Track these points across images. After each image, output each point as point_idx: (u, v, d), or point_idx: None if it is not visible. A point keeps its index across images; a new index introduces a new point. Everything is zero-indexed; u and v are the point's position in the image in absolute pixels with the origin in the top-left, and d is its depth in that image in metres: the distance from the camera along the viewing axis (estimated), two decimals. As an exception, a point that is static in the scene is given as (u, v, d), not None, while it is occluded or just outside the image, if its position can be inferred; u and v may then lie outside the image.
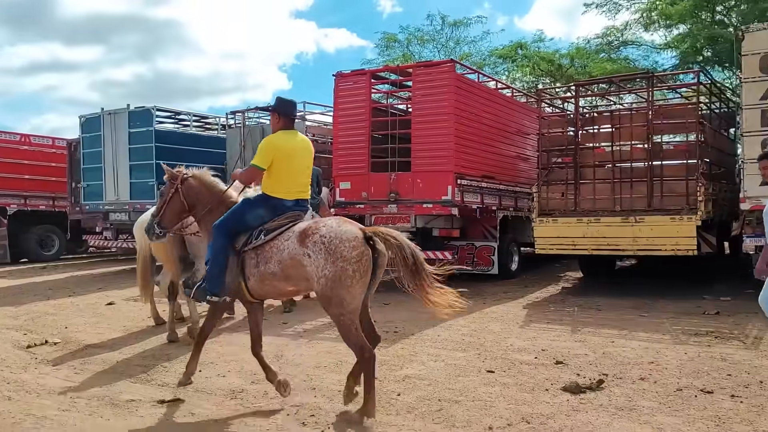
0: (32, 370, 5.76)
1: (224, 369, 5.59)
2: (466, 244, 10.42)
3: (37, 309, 8.94)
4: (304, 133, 11.83)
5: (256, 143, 12.40)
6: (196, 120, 15.32)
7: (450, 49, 23.17)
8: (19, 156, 18.05)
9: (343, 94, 10.24)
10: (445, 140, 9.37)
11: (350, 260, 4.13)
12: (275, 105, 4.93)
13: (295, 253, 4.30)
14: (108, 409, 4.62)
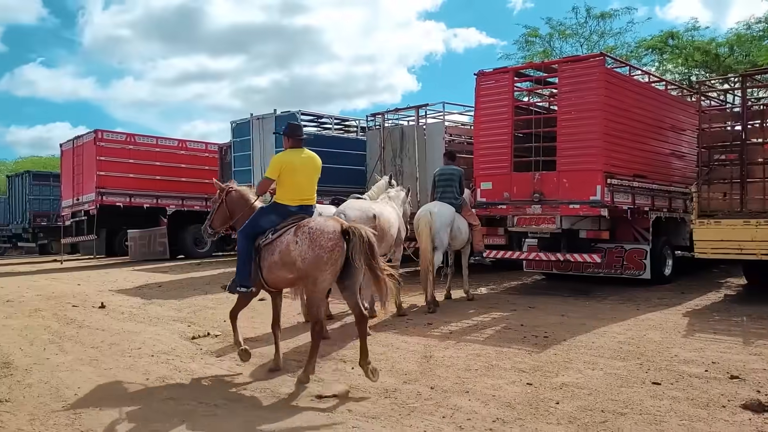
0: (199, 360, 6.15)
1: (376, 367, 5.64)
2: (615, 246, 9.89)
3: (197, 302, 9.57)
4: (443, 134, 11.97)
5: (396, 144, 12.64)
6: (337, 123, 15.77)
7: (593, 43, 22.06)
8: (177, 160, 19.57)
9: (484, 92, 10.07)
10: (594, 137, 8.93)
11: (325, 249, 5.07)
12: (285, 130, 5.96)
13: (289, 241, 5.24)
14: (270, 401, 4.81)
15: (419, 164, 12.16)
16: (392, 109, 13.46)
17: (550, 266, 10.45)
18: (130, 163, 18.61)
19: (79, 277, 13.90)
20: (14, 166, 48.35)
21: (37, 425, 4.38)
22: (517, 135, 9.91)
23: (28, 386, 5.30)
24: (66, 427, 4.33)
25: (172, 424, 4.32)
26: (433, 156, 11.70)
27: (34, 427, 4.35)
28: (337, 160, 14.29)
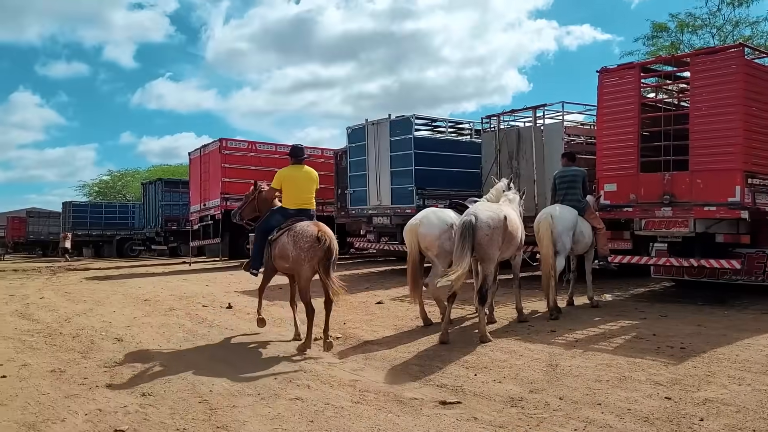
0: (323, 362, 6.26)
1: (499, 375, 5.51)
2: (757, 252, 9.09)
3: (317, 305, 9.77)
4: (562, 134, 11.56)
5: (512, 146, 12.37)
6: (451, 126, 15.68)
7: (726, 33, 20.52)
8: (295, 166, 20.15)
9: (608, 90, 9.62)
10: (733, 134, 8.28)
11: (303, 249, 6.66)
12: (289, 152, 7.88)
13: (284, 241, 6.91)
14: (395, 405, 4.80)
15: (537, 166, 11.83)
16: (508, 110, 13.20)
17: (681, 272, 9.78)
18: (251, 169, 19.43)
19: (206, 279, 14.67)
20: (147, 174, 52.02)
21: (177, 419, 4.61)
22: (644, 134, 9.39)
23: (168, 381, 5.60)
24: (203, 422, 4.53)
25: (301, 424, 4.41)
26: (552, 157, 11.34)
27: (174, 420, 4.59)
28: (452, 163, 14.23)
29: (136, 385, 5.53)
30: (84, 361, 6.48)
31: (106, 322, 8.76)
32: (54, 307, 10.36)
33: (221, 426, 4.42)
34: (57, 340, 7.54)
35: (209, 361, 6.34)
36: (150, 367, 6.13)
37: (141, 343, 7.23)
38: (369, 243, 15.48)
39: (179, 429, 4.40)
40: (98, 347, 7.12)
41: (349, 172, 15.67)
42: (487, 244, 6.79)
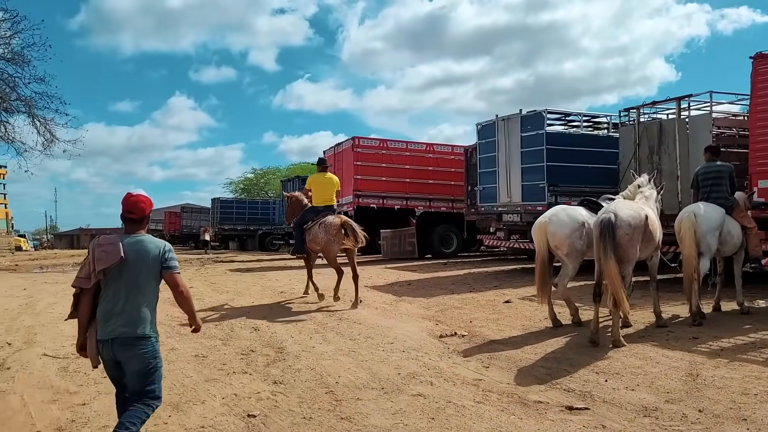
0: (446, 359, 6.25)
1: (632, 382, 5.22)
2: None
3: (444, 302, 9.80)
4: (710, 127, 10.70)
5: (653, 140, 11.64)
6: (586, 120, 15.05)
7: None
8: (425, 163, 20.38)
9: (763, 77, 8.80)
10: None
11: (331, 235, 9.59)
12: (317, 162, 11.19)
13: (316, 230, 9.80)
14: (518, 407, 4.70)
15: (681, 161, 11.04)
16: (649, 102, 12.41)
17: None
18: (383, 167, 19.83)
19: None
20: (286, 172, 54.60)
21: (305, 407, 4.81)
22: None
23: (297, 371, 5.86)
24: (328, 412, 4.69)
25: (422, 421, 4.43)
26: (697, 152, 10.49)
27: (302, 408, 4.78)
28: (586, 159, 13.66)
29: (269, 373, 5.83)
30: (224, 348, 6.93)
31: (245, 311, 9.30)
32: (200, 297, 11.15)
33: (345, 417, 4.55)
34: (202, 327, 8.10)
35: (336, 353, 6.54)
36: (282, 357, 6.43)
37: (275, 334, 7.61)
38: (499, 241, 15.23)
39: (306, 417, 4.59)
40: (237, 335, 7.57)
41: (479, 168, 15.51)
42: (627, 244, 6.47)
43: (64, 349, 6.95)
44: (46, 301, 10.96)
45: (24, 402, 5.05)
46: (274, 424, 4.47)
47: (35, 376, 5.88)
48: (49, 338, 7.63)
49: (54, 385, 5.57)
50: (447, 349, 6.70)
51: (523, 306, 9.20)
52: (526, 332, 7.42)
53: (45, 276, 18.42)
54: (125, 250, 3.65)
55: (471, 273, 14.12)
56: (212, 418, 4.61)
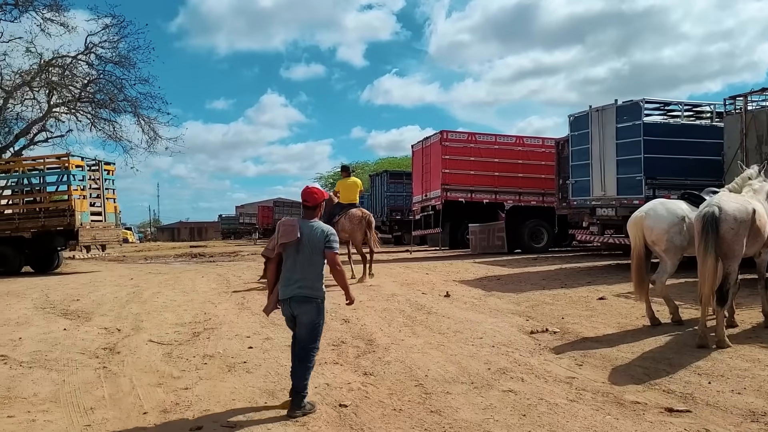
0: (537, 356, 6.14)
1: (738, 385, 4.94)
2: None
3: (534, 297, 9.61)
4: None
5: (762, 129, 10.93)
6: (687, 109, 14.30)
7: None
8: (514, 156, 20.06)
9: None
10: None
11: (355, 224, 12.22)
12: (342, 169, 14.30)
13: (343, 221, 12.14)
14: (614, 407, 4.55)
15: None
16: (757, 89, 11.65)
17: None
18: (471, 160, 19.66)
19: (426, 267, 15.16)
20: (375, 166, 55.10)
21: (395, 399, 4.86)
22: None
23: (387, 363, 5.93)
24: (418, 405, 4.72)
25: (513, 417, 4.38)
26: (813, 141, 9.81)
27: (392, 400, 4.84)
28: (687, 150, 13.00)
29: (360, 364, 5.93)
30: (316, 339, 7.09)
31: (335, 303, 9.45)
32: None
33: (435, 410, 4.56)
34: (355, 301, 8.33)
35: (425, 347, 6.57)
36: (372, 349, 6.53)
37: (365, 326, 7.72)
38: (592, 236, 14.75)
39: (396, 409, 4.64)
40: (328, 326, 7.69)
41: (571, 161, 15.05)
42: (732, 239, 6.12)
43: (167, 336, 7.36)
44: (150, 291, 11.60)
45: (133, 384, 5.38)
46: (365, 414, 4.54)
47: (142, 361, 6.24)
48: (154, 325, 8.07)
49: (159, 369, 5.90)
50: (538, 345, 6.58)
51: (619, 303, 8.89)
52: (622, 330, 7.16)
53: (149, 267, 19.51)
54: (301, 231, 4.72)
55: (562, 268, 13.77)
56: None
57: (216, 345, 6.86)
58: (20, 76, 23.04)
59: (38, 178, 17.13)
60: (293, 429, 4.28)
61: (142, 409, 4.71)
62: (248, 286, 12.13)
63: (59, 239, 16.61)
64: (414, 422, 4.35)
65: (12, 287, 12.64)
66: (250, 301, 10.03)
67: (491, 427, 4.20)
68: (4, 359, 6.30)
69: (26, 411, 4.70)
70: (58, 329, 7.87)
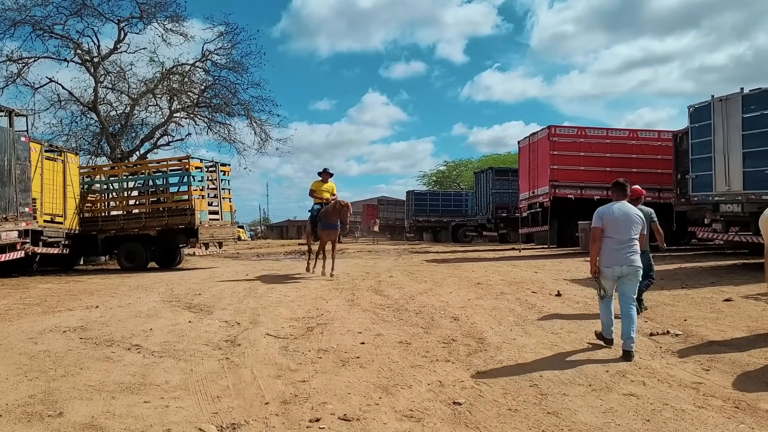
0: (659, 359, 5.86)
1: None
2: None
3: (654, 297, 9.15)
4: None
5: None
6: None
7: None
8: (628, 150, 19.25)
9: None
10: None
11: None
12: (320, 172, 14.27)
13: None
14: (747, 416, 4.27)
15: None
16: None
17: None
18: (580, 156, 19.06)
19: (535, 265, 14.84)
20: (478, 163, 54.64)
21: (509, 399, 4.80)
22: None
23: (499, 362, 5.86)
24: (534, 405, 4.63)
25: (636, 422, 4.20)
26: None
27: (507, 400, 4.78)
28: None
29: (471, 362, 5.90)
30: (426, 336, 7.13)
31: (443, 301, 9.49)
32: (400, 285, 11.58)
33: (552, 412, 4.46)
34: (403, 315, 8.42)
35: (538, 347, 6.42)
36: (483, 347, 6.47)
37: (475, 324, 7.67)
38: (715, 233, 13.87)
39: (511, 409, 4.57)
40: (437, 324, 7.75)
41: (691, 155, 14.22)
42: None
43: (283, 330, 7.63)
44: (265, 286, 12.09)
45: (254, 376, 5.63)
46: (480, 413, 4.51)
47: (261, 353, 6.51)
48: (270, 319, 8.40)
49: (277, 362, 6.13)
50: (659, 348, 6.28)
51: (747, 305, 8.32)
52: (753, 334, 6.70)
53: (262, 263, 20.32)
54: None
55: (682, 267, 13.05)
56: (419, 402, 4.77)
57: (329, 340, 7.04)
58: (144, 84, 24.71)
59: (162, 180, 18.29)
60: (408, 425, 4.31)
61: (264, 399, 4.92)
62: (355, 283, 12.36)
63: (181, 237, 17.62)
64: (531, 423, 4.27)
65: (141, 281, 13.57)
66: (359, 297, 10.22)
67: (613, 431, 4.05)
68: (138, 348, 6.77)
69: (160, 397, 5.02)
70: (184, 321, 8.36)
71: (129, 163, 21.79)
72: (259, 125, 25.59)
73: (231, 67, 25.05)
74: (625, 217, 6.21)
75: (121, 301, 10.39)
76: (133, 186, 18.49)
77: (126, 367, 5.93)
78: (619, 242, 6.18)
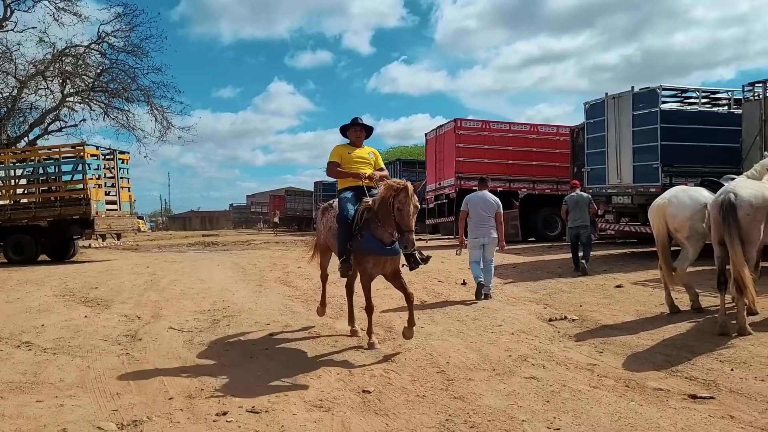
0: (557, 343, 6.15)
1: (762, 372, 4.91)
2: None
3: (551, 285, 9.61)
4: None
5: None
6: (704, 96, 14.16)
7: None
8: (529, 144, 19.98)
9: None
10: None
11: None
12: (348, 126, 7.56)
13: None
14: (637, 394, 4.54)
15: (813, 138, 10.22)
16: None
17: None
18: (485, 149, 19.61)
19: (441, 255, 15.14)
20: (386, 155, 55.02)
21: (417, 386, 4.88)
22: None
23: (407, 350, 5.95)
24: (440, 391, 4.74)
25: (536, 403, 4.39)
26: (834, 127, 9.70)
27: (414, 387, 4.86)
28: (704, 137, 12.91)
29: (380, 351, 5.96)
30: (336, 326, 7.14)
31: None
32: (309, 276, 11.52)
33: (458, 397, 4.58)
34: (312, 306, 8.38)
35: (445, 334, 6.58)
36: (392, 336, 6.56)
37: (384, 313, 7.75)
38: (607, 224, 14.71)
39: (419, 395, 4.65)
40: (344, 313, 7.77)
41: (587, 149, 14.99)
42: (748, 225, 6.08)
43: (188, 324, 7.42)
44: (168, 279, 11.69)
45: (157, 371, 5.44)
46: (389, 400, 4.56)
47: (164, 348, 6.30)
48: (174, 312, 8.14)
49: (182, 356, 5.95)
50: (557, 332, 6.59)
51: (636, 291, 8.87)
52: (641, 318, 7.16)
53: (164, 255, 19.65)
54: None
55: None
56: (329, 392, 4.77)
57: (236, 332, 6.91)
58: (34, 66, 23.13)
59: (54, 168, 17.26)
60: (318, 414, 4.30)
61: (168, 394, 4.76)
62: (263, 274, 12.18)
63: (75, 228, 16.74)
64: (438, 408, 4.37)
65: (31, 275, 12.77)
66: (267, 289, 10.09)
67: (516, 412, 4.21)
68: (29, 345, 6.38)
69: (54, 396, 4.76)
70: (79, 316, 7.95)
71: (16, 149, 20.40)
72: (161, 112, 24.59)
73: (129, 50, 23.89)
74: (484, 202, 8.76)
75: (8, 296, 9.75)
76: (21, 174, 17.35)
77: (16, 366, 5.59)
78: (480, 220, 8.73)
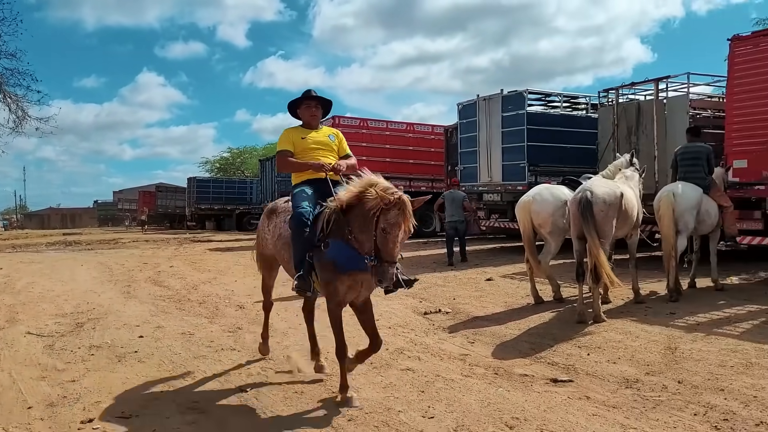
0: (432, 335, 6.36)
1: (614, 356, 5.37)
2: None
3: (426, 280, 9.88)
4: (686, 108, 10.87)
5: (631, 121, 11.83)
6: (566, 100, 15.17)
7: None
8: (405, 143, 20.42)
9: (740, 59, 8.95)
10: None
11: None
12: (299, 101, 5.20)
13: None
14: (505, 380, 4.81)
15: (658, 142, 11.24)
16: (627, 83, 12.58)
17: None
18: (363, 146, 19.79)
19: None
20: (264, 151, 54.14)
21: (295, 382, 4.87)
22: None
23: (286, 347, 5.95)
24: (319, 386, 4.77)
25: (412, 394, 4.52)
26: (674, 133, 10.74)
27: (293, 383, 4.85)
28: (566, 139, 13.82)
29: (258, 350, 5.87)
30: (210, 326, 6.96)
31: (229, 290, 9.31)
32: (182, 275, 11.13)
33: (336, 391, 4.62)
34: (186, 306, 8.12)
35: (323, 330, 6.59)
36: (271, 334, 6.46)
37: (261, 312, 7.62)
38: (480, 220, 15.39)
39: (297, 392, 4.65)
40: (222, 313, 7.60)
41: (460, 148, 15.59)
42: (602, 220, 6.60)
43: (47, 328, 6.93)
44: (24, 281, 10.85)
45: (13, 379, 5.04)
46: (266, 398, 4.52)
47: (21, 354, 5.85)
48: (32, 317, 7.58)
49: (41, 362, 5.56)
50: (432, 325, 6.81)
51: (505, 284, 9.35)
52: (509, 309, 7.56)
53: (20, 256, 18.18)
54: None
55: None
56: (204, 393, 4.65)
57: (103, 335, 6.54)
58: None
59: None
60: (191, 416, 4.18)
61: (26, 403, 4.43)
62: (131, 274, 11.62)
63: None
64: (316, 403, 4.39)
65: None
66: (136, 289, 9.63)
67: (392, 404, 4.32)
68: None
69: None
70: None
71: None
72: (15, 101, 22.63)
73: (-22, 33, 21.82)
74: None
75: None
76: None
77: None
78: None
